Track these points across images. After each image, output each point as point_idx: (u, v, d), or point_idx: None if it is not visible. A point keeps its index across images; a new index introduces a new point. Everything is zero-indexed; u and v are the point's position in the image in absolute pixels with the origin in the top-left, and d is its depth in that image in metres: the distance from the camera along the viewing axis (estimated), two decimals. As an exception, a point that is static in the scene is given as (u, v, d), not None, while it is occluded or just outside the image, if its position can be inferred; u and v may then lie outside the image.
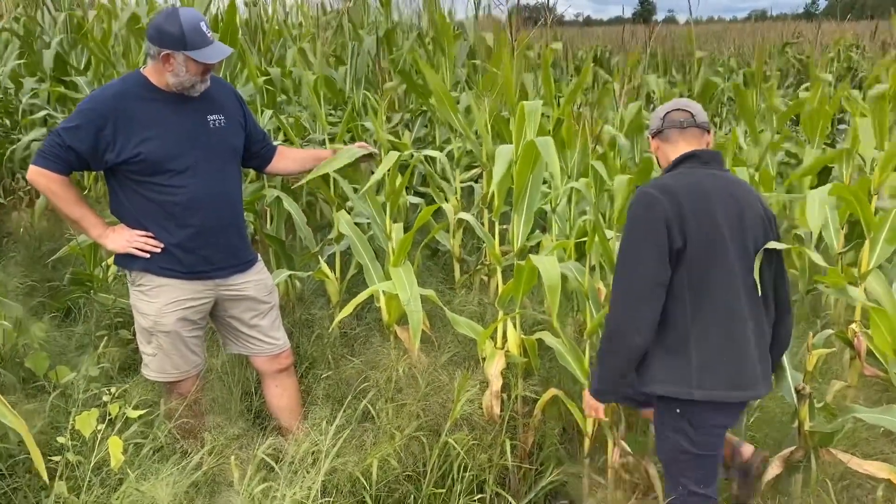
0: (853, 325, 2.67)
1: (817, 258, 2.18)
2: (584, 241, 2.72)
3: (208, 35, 2.51)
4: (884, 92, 2.84)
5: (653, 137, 2.32)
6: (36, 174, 2.52)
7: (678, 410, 2.11)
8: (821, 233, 3.12)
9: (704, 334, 2.05)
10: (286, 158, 3.09)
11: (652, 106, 8.59)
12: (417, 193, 4.55)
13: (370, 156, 3.19)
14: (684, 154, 2.20)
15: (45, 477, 2.04)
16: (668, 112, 2.27)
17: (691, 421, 2.11)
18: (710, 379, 2.04)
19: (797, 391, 2.41)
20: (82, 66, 5.84)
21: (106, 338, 3.18)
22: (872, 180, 2.74)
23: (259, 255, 2.93)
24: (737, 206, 2.11)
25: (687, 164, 2.19)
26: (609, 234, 2.58)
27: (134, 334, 2.85)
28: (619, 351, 2.11)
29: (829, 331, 2.83)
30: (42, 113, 5.32)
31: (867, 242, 2.63)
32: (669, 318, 2.07)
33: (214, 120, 2.68)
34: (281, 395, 2.91)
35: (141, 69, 2.64)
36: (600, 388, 2.24)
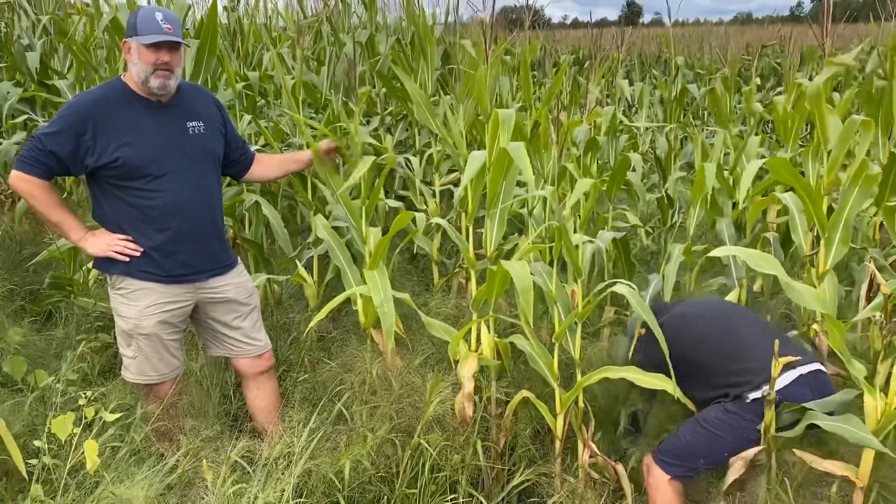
0: (815, 326, 2.73)
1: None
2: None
3: (163, 25, 2.52)
4: (816, 88, 2.68)
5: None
6: (17, 179, 2.55)
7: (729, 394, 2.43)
8: (790, 235, 3.18)
9: (738, 348, 2.46)
10: (264, 165, 3.13)
11: (634, 110, 8.68)
12: (398, 197, 4.58)
13: (338, 151, 3.24)
14: None
15: (23, 472, 2.06)
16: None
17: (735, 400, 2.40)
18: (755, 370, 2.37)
19: (763, 397, 2.45)
20: (65, 70, 5.83)
21: (85, 342, 3.20)
22: (822, 182, 2.78)
23: (239, 258, 2.97)
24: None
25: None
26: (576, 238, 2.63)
27: (114, 338, 2.88)
28: None
29: (794, 331, 2.90)
30: (23, 117, 5.31)
31: (822, 243, 2.66)
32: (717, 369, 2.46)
33: (194, 126, 2.71)
34: (259, 395, 2.95)
35: (122, 76, 2.68)
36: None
